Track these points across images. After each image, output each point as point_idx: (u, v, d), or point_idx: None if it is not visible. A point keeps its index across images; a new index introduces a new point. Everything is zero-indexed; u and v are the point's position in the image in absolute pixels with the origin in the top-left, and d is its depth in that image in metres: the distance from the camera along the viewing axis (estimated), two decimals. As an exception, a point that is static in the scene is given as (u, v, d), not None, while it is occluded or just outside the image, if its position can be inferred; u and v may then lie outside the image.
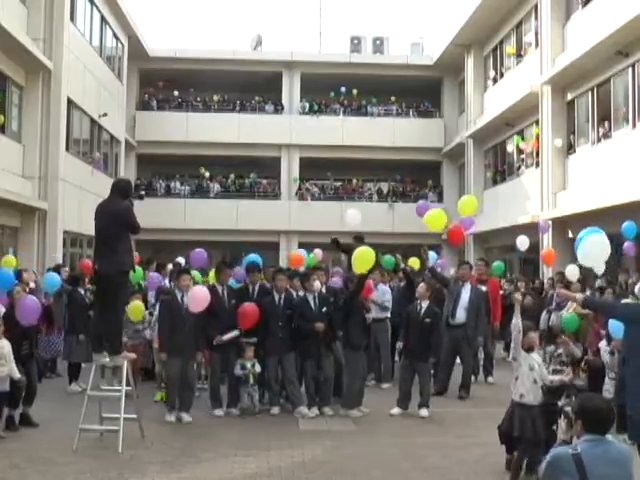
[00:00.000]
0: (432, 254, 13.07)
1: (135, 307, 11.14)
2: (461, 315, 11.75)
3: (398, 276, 13.87)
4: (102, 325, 8.51)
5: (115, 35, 29.13)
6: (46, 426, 9.08)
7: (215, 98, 35.11)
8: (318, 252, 14.43)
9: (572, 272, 14.28)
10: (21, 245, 20.78)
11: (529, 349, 7.21)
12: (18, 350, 8.82)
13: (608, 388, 8.85)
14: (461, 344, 11.77)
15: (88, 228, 11.69)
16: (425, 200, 23.26)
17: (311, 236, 32.45)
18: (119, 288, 8.34)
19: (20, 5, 20.76)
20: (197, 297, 9.40)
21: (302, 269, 12.37)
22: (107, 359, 8.45)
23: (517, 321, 7.17)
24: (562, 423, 5.66)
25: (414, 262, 14.30)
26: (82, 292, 12.41)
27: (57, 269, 13.96)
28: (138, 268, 12.11)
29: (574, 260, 21.36)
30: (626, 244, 14.72)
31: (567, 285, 15.81)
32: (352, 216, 14.69)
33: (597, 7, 20.02)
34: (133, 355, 9.08)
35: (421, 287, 10.70)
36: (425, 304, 10.43)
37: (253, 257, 12.07)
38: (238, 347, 10.12)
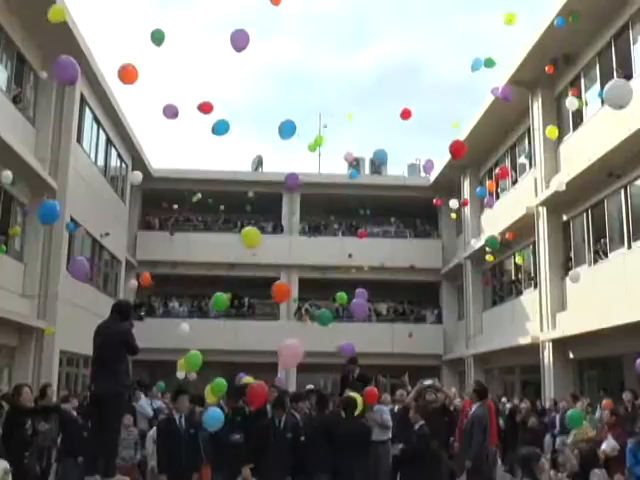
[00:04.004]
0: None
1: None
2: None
3: (395, 398, 13.59)
4: (96, 447, 8.33)
5: (120, 156, 29.82)
6: None
7: (216, 219, 35.62)
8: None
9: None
10: (17, 364, 20.56)
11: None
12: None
13: None
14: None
15: (85, 347, 11.58)
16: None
17: (310, 357, 31.97)
18: (115, 410, 8.22)
19: (29, 126, 21.39)
20: (292, 351, 9.25)
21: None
22: (100, 482, 8.22)
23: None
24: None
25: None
26: (75, 413, 12.18)
27: (44, 389, 13.55)
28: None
29: (576, 381, 21.24)
30: (638, 361, 14.36)
31: (574, 397, 15.61)
32: None
33: (588, 130, 20.57)
34: (127, 478, 8.83)
35: (410, 412, 10.63)
36: (418, 425, 10.31)
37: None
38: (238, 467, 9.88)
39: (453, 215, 27.65)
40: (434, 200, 27.84)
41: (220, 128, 12.18)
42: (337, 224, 36.26)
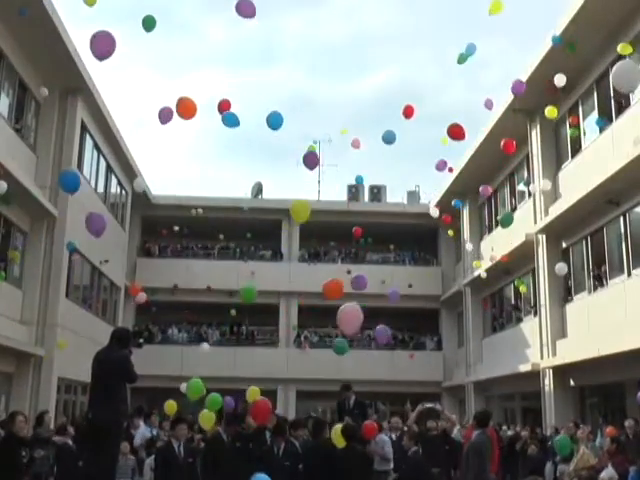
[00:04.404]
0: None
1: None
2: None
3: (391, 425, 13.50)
4: (93, 475, 8.24)
5: (120, 183, 29.83)
6: None
7: (216, 245, 35.62)
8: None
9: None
10: (15, 391, 20.42)
11: None
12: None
13: None
14: None
15: (84, 375, 11.52)
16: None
17: (309, 384, 32.04)
18: (113, 439, 8.15)
19: (30, 153, 21.44)
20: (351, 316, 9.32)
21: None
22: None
23: None
24: None
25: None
26: (70, 442, 12.07)
27: (41, 416, 13.48)
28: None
29: (577, 408, 21.13)
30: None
31: (577, 425, 15.53)
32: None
33: (586, 158, 20.63)
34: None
35: (404, 439, 10.70)
36: (412, 451, 10.35)
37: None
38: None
39: (450, 232, 27.48)
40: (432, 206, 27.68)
41: (230, 120, 12.23)
42: (337, 251, 36.24)
